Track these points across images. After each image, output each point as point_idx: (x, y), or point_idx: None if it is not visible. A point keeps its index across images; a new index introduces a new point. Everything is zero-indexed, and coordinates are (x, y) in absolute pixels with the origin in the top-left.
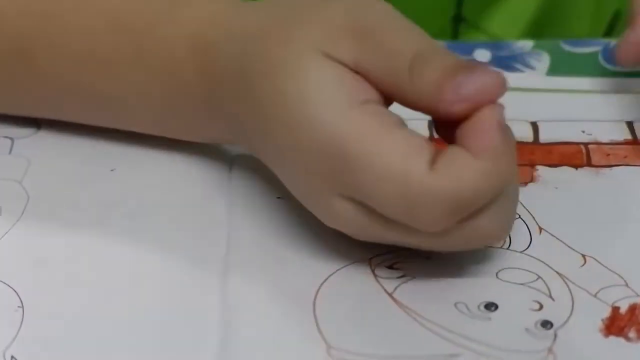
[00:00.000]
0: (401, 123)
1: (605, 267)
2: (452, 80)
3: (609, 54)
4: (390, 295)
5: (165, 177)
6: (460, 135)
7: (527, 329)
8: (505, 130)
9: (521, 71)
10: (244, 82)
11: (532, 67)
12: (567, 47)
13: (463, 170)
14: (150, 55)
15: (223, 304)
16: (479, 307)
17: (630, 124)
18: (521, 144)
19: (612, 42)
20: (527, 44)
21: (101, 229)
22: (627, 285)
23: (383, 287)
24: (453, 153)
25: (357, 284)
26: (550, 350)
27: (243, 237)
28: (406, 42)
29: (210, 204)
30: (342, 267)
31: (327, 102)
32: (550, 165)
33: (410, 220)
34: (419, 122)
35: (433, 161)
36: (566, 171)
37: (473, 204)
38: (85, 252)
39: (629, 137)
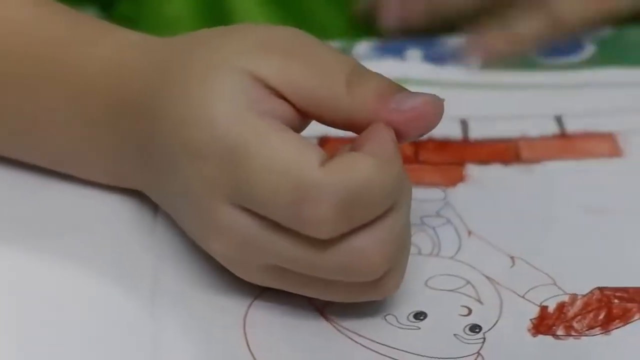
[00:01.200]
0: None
1: (534, 267)
2: (395, 92)
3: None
4: (320, 311)
5: (92, 195)
6: (355, 144)
7: (456, 335)
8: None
9: (453, 67)
10: (152, 94)
11: (464, 63)
12: None
13: (355, 164)
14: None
15: (152, 325)
16: (408, 317)
17: (559, 118)
18: (450, 143)
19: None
20: (458, 40)
21: (24, 247)
22: (555, 284)
23: (314, 303)
24: (346, 154)
25: (287, 302)
26: (478, 354)
27: (171, 256)
28: (339, 59)
29: (136, 226)
30: None
31: (226, 100)
32: (480, 163)
33: (299, 219)
34: None
35: (325, 161)
36: (496, 168)
37: (363, 200)
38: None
39: (557, 131)
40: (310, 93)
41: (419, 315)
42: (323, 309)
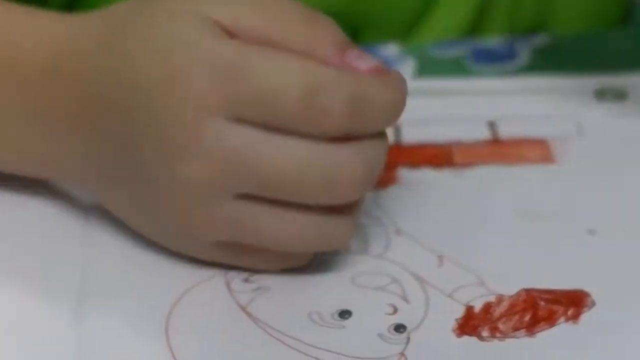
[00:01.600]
0: None
1: (462, 266)
2: (351, 46)
3: (476, 56)
4: (243, 309)
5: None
6: None
7: (380, 335)
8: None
9: None
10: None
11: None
12: (433, 51)
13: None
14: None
15: (76, 330)
16: (332, 315)
17: (492, 124)
18: None
19: (479, 42)
20: (393, 49)
21: None
22: (482, 284)
23: (237, 301)
24: None
25: (211, 300)
26: (402, 354)
27: (98, 257)
28: (294, 7)
29: (64, 224)
30: (198, 284)
31: (207, 29)
32: (411, 167)
33: (311, 109)
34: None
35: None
36: (428, 172)
37: (370, 105)
38: None
39: (490, 137)
40: (263, 35)
41: (344, 314)
42: (246, 305)
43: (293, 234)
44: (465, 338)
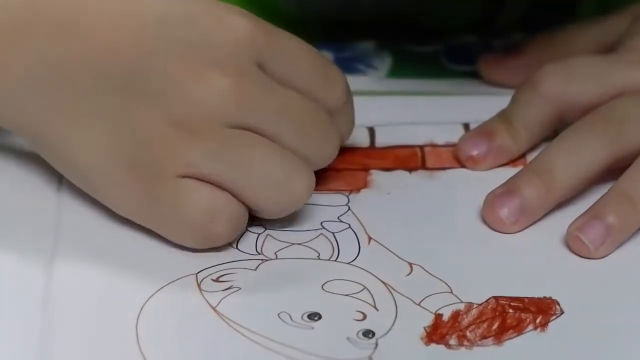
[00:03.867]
0: None
1: (431, 274)
2: None
3: (452, 53)
4: (213, 308)
5: None
6: None
7: (348, 338)
8: None
9: (363, 72)
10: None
11: (374, 67)
12: (409, 47)
13: None
14: None
15: (42, 330)
16: (302, 317)
17: (466, 126)
18: (357, 150)
19: (455, 41)
20: (370, 45)
21: None
22: (451, 292)
23: (207, 301)
24: None
25: (181, 300)
26: (370, 358)
27: (69, 253)
28: None
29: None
30: (168, 284)
31: None
32: (384, 170)
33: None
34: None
35: None
36: (400, 175)
37: None
38: None
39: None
40: None
41: (313, 316)
42: (216, 305)
43: (280, 169)
44: (433, 346)
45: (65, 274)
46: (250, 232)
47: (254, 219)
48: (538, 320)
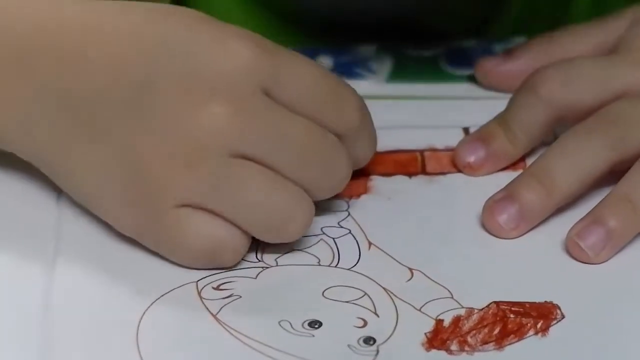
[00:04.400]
0: None
1: (432, 280)
2: None
3: (452, 57)
4: (214, 316)
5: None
6: None
7: (349, 345)
8: None
9: (362, 76)
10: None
11: (373, 72)
12: (409, 51)
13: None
14: None
15: (42, 339)
16: (302, 324)
17: (466, 130)
18: None
19: (455, 44)
20: (370, 49)
21: None
22: (452, 297)
23: (208, 308)
24: None
25: (181, 308)
26: None
27: (69, 260)
28: None
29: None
30: (168, 292)
31: None
32: (384, 175)
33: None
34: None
35: None
36: (400, 180)
37: None
38: None
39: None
40: None
41: (314, 324)
42: (217, 313)
43: (278, 202)
44: (434, 352)
45: (65, 281)
46: None
47: None
48: (539, 325)
